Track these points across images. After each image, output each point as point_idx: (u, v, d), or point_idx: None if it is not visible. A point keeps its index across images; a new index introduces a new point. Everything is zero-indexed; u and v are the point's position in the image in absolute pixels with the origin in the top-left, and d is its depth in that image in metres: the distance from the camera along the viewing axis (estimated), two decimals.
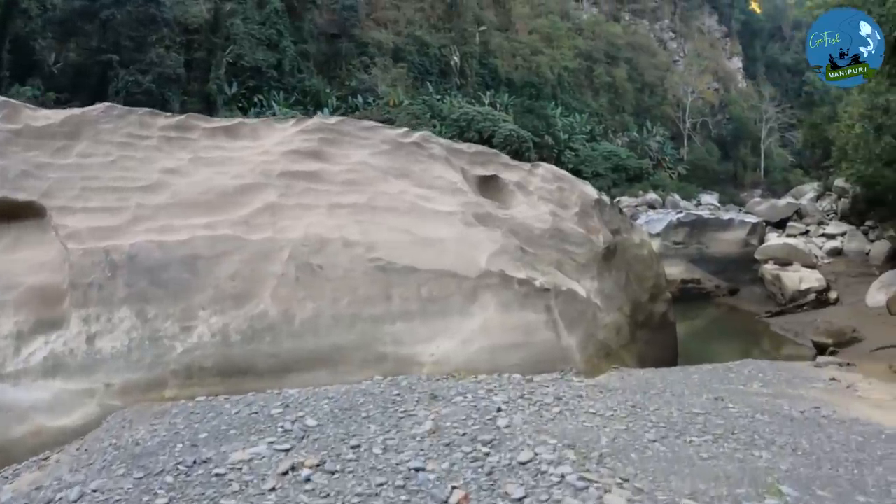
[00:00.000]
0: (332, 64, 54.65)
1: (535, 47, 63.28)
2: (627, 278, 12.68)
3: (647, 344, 12.68)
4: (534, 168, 12.84)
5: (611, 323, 10.83)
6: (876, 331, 16.00)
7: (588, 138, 59.81)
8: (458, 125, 51.14)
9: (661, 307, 13.60)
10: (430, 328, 8.92)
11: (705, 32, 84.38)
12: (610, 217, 13.10)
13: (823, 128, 26.78)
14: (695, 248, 24.20)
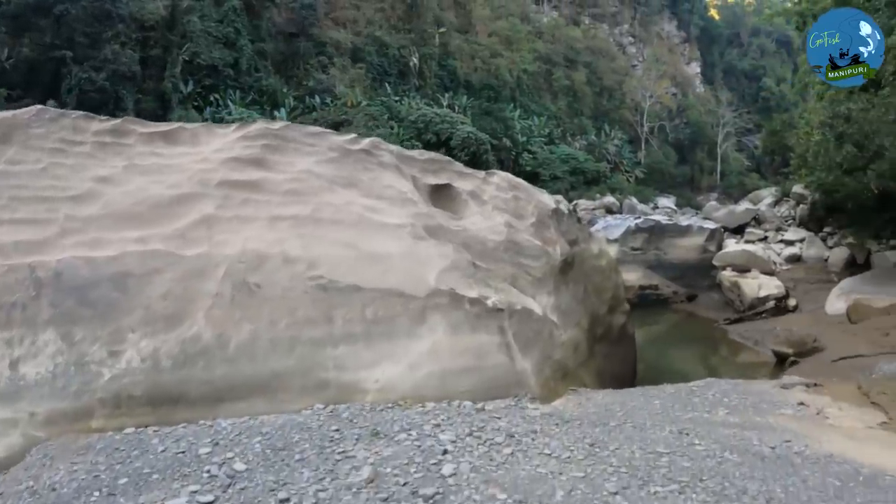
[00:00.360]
0: (289, 63, 53.80)
1: (494, 49, 62.98)
2: (586, 290, 12.11)
3: (605, 358, 12.14)
4: (489, 176, 12.19)
5: (568, 340, 10.23)
6: (836, 339, 15.65)
7: (546, 141, 59.75)
8: (415, 127, 50.70)
9: (619, 319, 13.06)
10: (374, 352, 8.23)
11: (664, 38, 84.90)
12: (568, 227, 12.51)
13: (783, 134, 26.58)
14: (653, 253, 23.78)
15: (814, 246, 23.27)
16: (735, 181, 70.64)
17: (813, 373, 13.79)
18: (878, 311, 16.75)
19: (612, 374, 12.21)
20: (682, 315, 22.20)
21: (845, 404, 8.16)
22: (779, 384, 9.14)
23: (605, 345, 12.30)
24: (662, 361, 17.24)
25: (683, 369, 16.77)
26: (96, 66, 38.49)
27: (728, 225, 26.17)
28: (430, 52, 59.19)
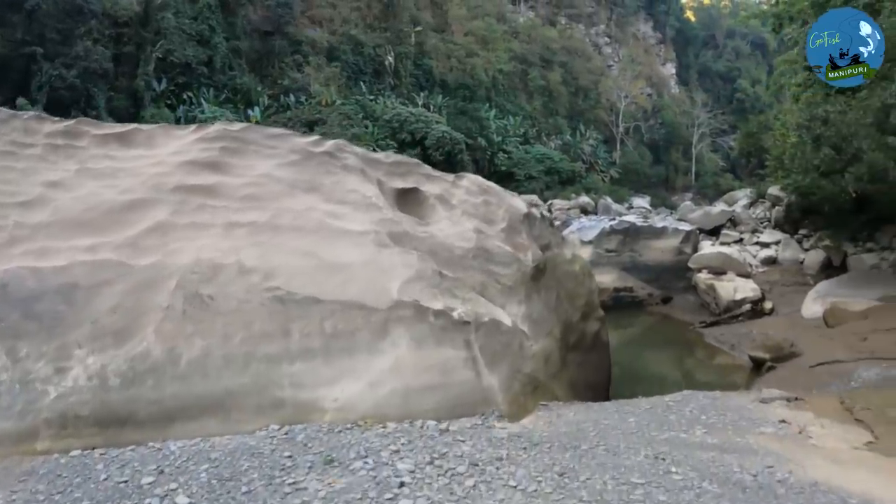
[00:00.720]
0: (264, 62, 53.24)
1: (470, 49, 62.55)
2: (558, 297, 11.60)
3: (579, 367, 11.66)
4: (458, 179, 11.68)
5: (539, 352, 9.72)
6: (813, 344, 15.29)
7: (521, 141, 59.59)
8: (390, 126, 50.34)
9: (593, 326, 12.58)
10: (333, 368, 7.71)
11: (640, 38, 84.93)
12: (540, 232, 12.04)
13: (759, 136, 26.21)
14: (628, 255, 23.35)
15: (789, 248, 22.95)
16: (710, 181, 70.81)
17: (790, 379, 13.45)
18: (854, 315, 16.41)
19: (586, 383, 11.75)
20: (657, 318, 21.81)
21: (828, 421, 7.73)
22: (758, 398, 8.69)
23: (579, 353, 11.81)
24: (637, 366, 16.81)
25: (659, 374, 16.38)
26: (67, 63, 37.67)
27: (704, 226, 25.80)
28: (405, 52, 58.72)
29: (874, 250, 20.34)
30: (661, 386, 14.90)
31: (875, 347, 13.90)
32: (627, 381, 14.86)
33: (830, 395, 9.10)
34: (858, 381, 11.65)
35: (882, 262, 19.79)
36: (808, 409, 8.26)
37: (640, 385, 14.73)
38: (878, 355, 13.45)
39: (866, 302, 17.09)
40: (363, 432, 7.02)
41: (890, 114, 15.81)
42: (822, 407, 8.37)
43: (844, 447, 6.97)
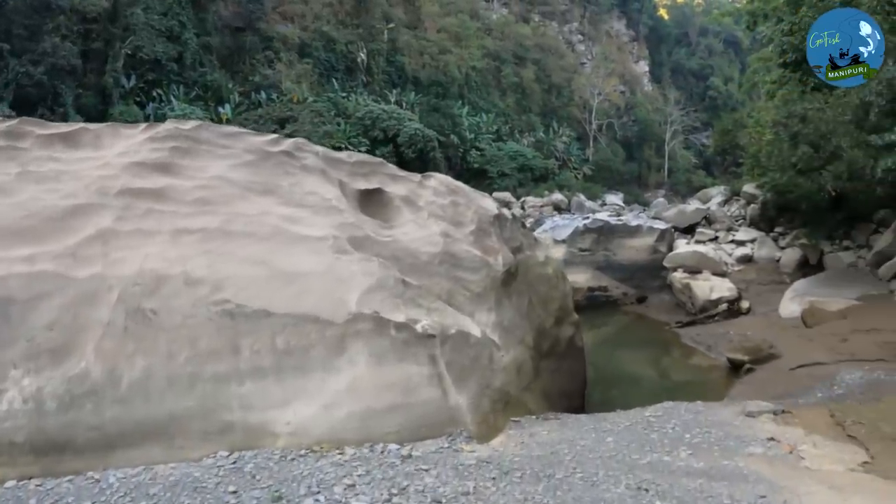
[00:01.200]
0: (235, 58, 52.17)
1: (443, 46, 61.78)
2: (531, 303, 10.99)
3: (553, 375, 11.06)
4: (425, 180, 11.00)
5: (511, 363, 9.08)
6: (793, 345, 14.80)
7: (494, 138, 58.99)
8: (362, 124, 49.57)
9: (567, 331, 11.98)
10: (286, 389, 7.03)
11: (613, 36, 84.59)
12: (511, 233, 11.38)
13: (734, 133, 25.68)
14: (602, 254, 22.77)
15: (765, 246, 22.48)
16: (682, 178, 70.76)
17: (770, 382, 12.92)
18: (833, 315, 15.94)
19: (561, 391, 11.16)
20: (632, 317, 21.28)
21: (819, 438, 7.16)
22: (743, 411, 8.09)
23: (553, 360, 11.21)
24: (614, 368, 16.28)
25: (636, 376, 15.83)
26: (34, 60, 36.45)
27: (678, 225, 25.28)
28: (378, 48, 57.82)
29: (850, 248, 19.95)
30: (639, 390, 14.39)
31: (855, 349, 13.44)
32: (604, 385, 14.31)
33: (819, 407, 8.51)
34: (842, 386, 11.14)
35: (859, 260, 19.39)
36: (797, 423, 7.67)
37: (617, 390, 14.19)
38: (858, 357, 12.99)
39: (844, 301, 16.64)
40: (317, 460, 6.36)
41: (869, 111, 15.37)
42: (812, 421, 7.79)
43: (840, 469, 6.39)
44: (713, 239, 23.84)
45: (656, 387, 14.78)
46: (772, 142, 18.69)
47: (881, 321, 14.74)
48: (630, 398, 13.76)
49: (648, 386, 14.91)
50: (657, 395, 14.07)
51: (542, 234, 23.28)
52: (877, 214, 19.62)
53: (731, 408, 8.46)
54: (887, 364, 12.37)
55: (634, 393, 14.31)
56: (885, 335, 13.88)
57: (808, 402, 9.70)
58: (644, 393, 14.29)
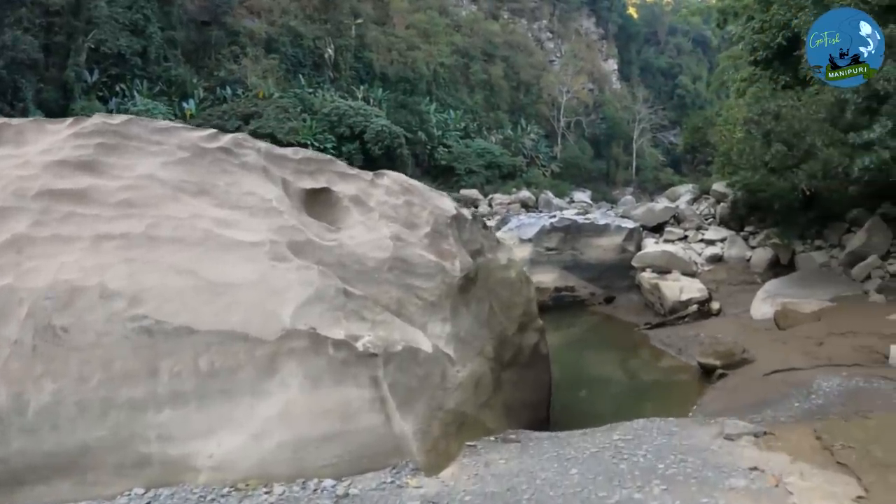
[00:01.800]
0: (200, 53, 51.05)
1: (411, 42, 60.87)
2: (491, 309, 10.15)
3: (515, 386, 10.25)
4: (377, 178, 10.11)
5: (467, 378, 8.24)
6: (766, 349, 14.10)
7: (462, 135, 58.31)
8: (329, 120, 48.67)
9: (531, 338, 11.15)
10: (209, 416, 6.16)
11: (582, 34, 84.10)
12: (471, 235, 10.54)
13: (704, 131, 24.96)
14: (569, 254, 21.98)
15: (735, 246, 21.80)
16: (650, 176, 70.54)
17: (744, 388, 12.23)
18: (807, 317, 15.29)
19: (524, 403, 10.39)
20: (600, 318, 20.55)
21: (806, 466, 6.39)
22: (721, 434, 7.30)
23: (515, 370, 10.40)
24: (581, 372, 15.57)
25: (604, 382, 15.12)
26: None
27: (647, 223, 24.54)
28: (345, 44, 56.79)
29: (823, 248, 19.35)
30: (607, 398, 13.66)
31: (832, 353, 12.77)
32: (571, 392, 13.58)
33: (803, 426, 7.71)
34: (819, 395, 10.45)
35: (831, 260, 18.80)
36: (780, 447, 6.90)
37: (585, 397, 13.45)
38: (835, 362, 12.32)
39: (818, 303, 16.02)
40: (242, 500, 5.50)
41: (844, 109, 14.78)
42: (797, 444, 7.02)
43: None
44: (682, 238, 23.17)
45: (625, 393, 14.11)
46: (743, 140, 18.04)
47: (856, 323, 14.12)
48: (598, 406, 13.06)
49: (617, 392, 14.23)
50: (626, 403, 13.39)
51: (507, 232, 22.52)
52: (849, 214, 19.05)
53: (707, 428, 7.65)
54: (864, 369, 11.73)
55: (602, 400, 13.61)
56: (861, 338, 13.26)
57: (788, 417, 8.95)
58: (613, 400, 13.60)
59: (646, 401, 13.48)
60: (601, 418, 11.90)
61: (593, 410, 12.64)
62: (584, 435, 7.74)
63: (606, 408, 12.95)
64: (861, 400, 9.56)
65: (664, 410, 12.71)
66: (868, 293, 16.33)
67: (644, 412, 12.73)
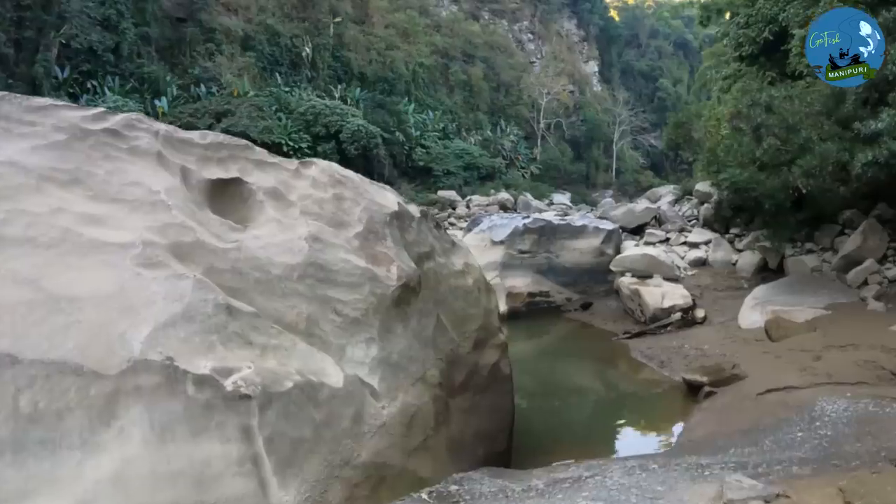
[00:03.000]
0: (175, 50, 49.39)
1: (390, 42, 59.20)
2: (439, 324, 8.43)
3: (468, 415, 8.58)
4: (303, 167, 8.34)
5: (397, 415, 6.52)
6: (758, 363, 12.51)
7: (441, 136, 56.83)
8: (304, 119, 47.21)
9: (489, 356, 9.46)
10: (26, 474, 4.35)
11: (563, 36, 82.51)
12: (418, 236, 8.85)
13: (688, 127, 23.18)
14: (543, 256, 20.23)
15: (721, 248, 20.16)
16: (630, 178, 69.32)
17: (735, 410, 10.61)
18: (801, 327, 13.71)
19: (479, 434, 8.70)
20: (576, 325, 18.84)
21: None
22: (721, 499, 5.58)
23: (468, 396, 8.72)
24: (552, 387, 13.96)
25: (579, 396, 13.50)
26: None
27: (626, 225, 22.90)
28: (324, 43, 55.06)
29: (814, 251, 17.74)
30: (579, 422, 11.98)
31: (832, 369, 11.18)
32: (539, 412, 11.96)
33: (824, 486, 5.88)
34: (825, 421, 8.86)
35: (823, 264, 17.21)
36: None
37: (554, 421, 11.76)
38: (836, 379, 10.76)
39: (812, 311, 14.45)
40: None
41: (843, 100, 13.25)
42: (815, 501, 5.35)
43: None
44: (664, 240, 21.51)
45: (601, 414, 12.43)
46: (731, 135, 16.46)
47: (856, 335, 12.53)
48: (569, 430, 11.39)
49: (591, 412, 12.56)
50: (601, 427, 11.73)
51: (478, 234, 20.83)
52: (842, 215, 17.47)
53: (701, 488, 5.87)
54: (871, 388, 10.16)
55: (575, 423, 11.92)
56: (863, 352, 11.67)
57: (796, 459, 7.23)
58: (586, 423, 11.93)
59: (624, 423, 11.85)
60: (571, 447, 10.29)
61: (563, 436, 11.00)
62: (541, 496, 5.98)
63: (578, 433, 11.31)
64: (878, 432, 7.92)
65: (645, 436, 11.13)
66: (866, 300, 14.76)
67: (621, 439, 11.12)
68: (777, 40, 18.26)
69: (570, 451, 10.07)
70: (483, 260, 19.90)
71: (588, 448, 10.31)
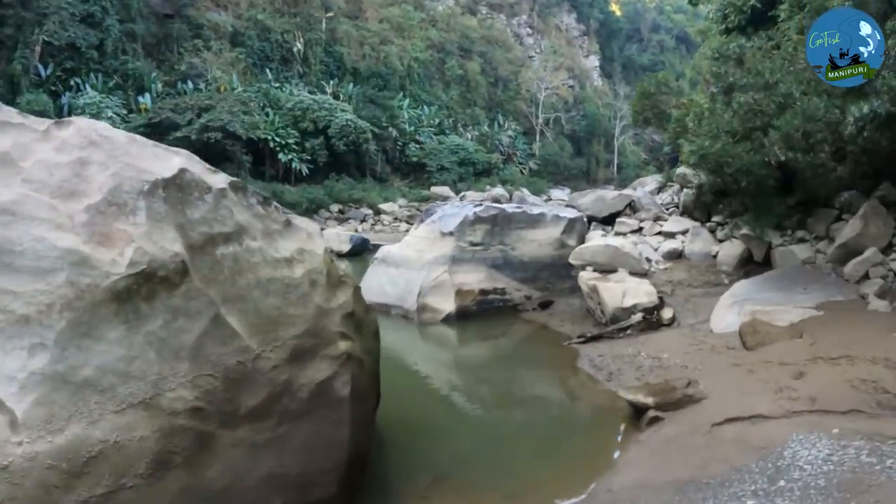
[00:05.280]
0: (162, 46, 47.34)
1: (384, 37, 56.47)
2: (218, 327, 5.57)
3: (259, 451, 5.80)
4: (57, 128, 5.56)
5: (42, 456, 3.71)
6: (723, 379, 9.49)
7: (437, 131, 54.31)
8: (292, 114, 44.91)
9: (316, 372, 6.45)
10: None
11: (563, 30, 79.43)
12: (213, 213, 5.97)
13: (656, 98, 19.67)
14: (497, 249, 17.05)
15: (699, 239, 16.89)
16: (632, 174, 65.99)
17: (680, 446, 7.54)
18: (784, 332, 10.52)
19: (278, 478, 5.94)
20: (531, 327, 15.65)
21: None
22: None
23: (266, 425, 5.87)
24: (466, 404, 11.18)
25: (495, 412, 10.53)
26: None
27: (597, 214, 19.65)
28: (315, 38, 52.46)
29: (806, 240, 14.52)
30: (476, 460, 8.74)
31: (817, 392, 8.09)
32: (425, 443, 9.02)
33: None
34: (795, 479, 5.90)
35: (817, 255, 14.00)
36: None
37: (441, 458, 8.66)
38: (821, 406, 7.72)
39: (799, 311, 11.27)
40: None
41: None
42: None
43: None
44: (636, 230, 18.28)
45: (513, 444, 9.17)
46: (700, 104, 13.43)
47: (852, 343, 9.36)
48: (460, 468, 8.27)
49: (502, 441, 9.28)
50: (504, 465, 8.54)
51: (429, 225, 17.77)
52: (839, 198, 14.20)
53: None
54: (867, 421, 7.12)
55: (474, 456, 8.68)
56: (859, 367, 8.53)
57: None
58: (487, 458, 8.70)
59: (535, 458, 8.62)
60: (447, 493, 7.35)
61: (448, 473, 8.01)
62: None
63: (470, 470, 8.22)
64: None
65: (556, 480, 8.00)
66: (866, 298, 11.53)
67: (521, 483, 8.02)
68: (765, 7, 15.25)
69: (444, 498, 7.16)
70: (432, 254, 16.96)
71: (469, 495, 7.36)
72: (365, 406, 7.21)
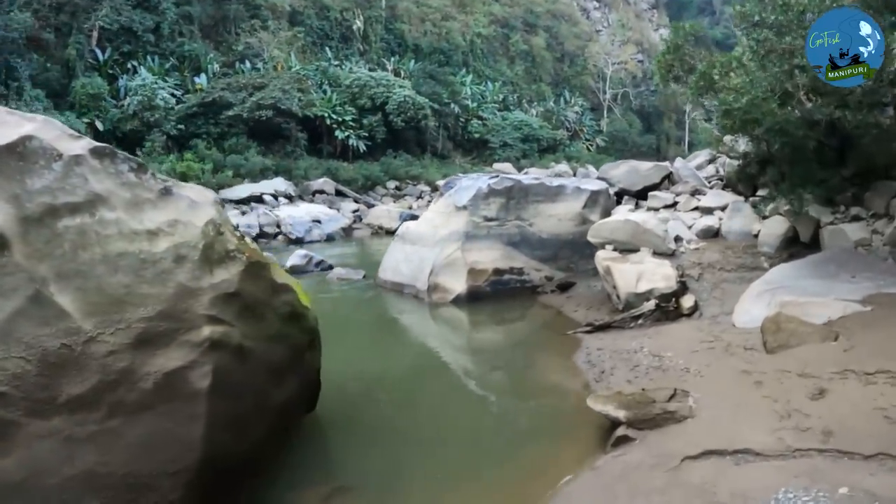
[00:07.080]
0: (219, 27, 47.29)
1: (446, 13, 55.10)
2: (38, 304, 4.71)
3: (77, 445, 4.95)
4: None
5: None
6: (721, 392, 7.63)
7: (500, 107, 52.97)
8: (350, 91, 43.96)
9: (168, 360, 5.15)
10: None
11: (631, 3, 76.14)
12: (61, 182, 5.13)
13: (685, 51, 17.01)
14: (514, 225, 15.33)
15: (739, 215, 14.78)
16: None
17: (634, 484, 5.78)
18: (813, 332, 8.57)
19: (100, 477, 4.97)
20: (546, 313, 13.96)
21: None
22: None
23: (91, 416, 4.94)
24: (433, 402, 9.61)
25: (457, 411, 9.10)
26: None
27: (630, 187, 17.71)
28: (375, 15, 51.58)
29: (862, 219, 12.43)
30: (399, 471, 7.31)
31: (836, 421, 6.23)
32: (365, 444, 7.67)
33: None
34: None
35: (874, 236, 11.90)
36: None
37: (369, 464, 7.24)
38: (837, 446, 5.81)
39: (840, 305, 9.35)
40: None
41: None
42: None
43: None
44: (671, 205, 16.31)
45: (444, 459, 7.57)
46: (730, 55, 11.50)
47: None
48: (375, 477, 6.91)
49: (431, 453, 7.69)
50: (424, 483, 7.10)
51: (448, 198, 16.29)
52: None
53: None
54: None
55: (389, 472, 7.19)
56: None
57: None
58: (415, 470, 7.22)
59: (455, 482, 7.00)
60: None
61: (352, 484, 6.64)
62: None
63: (377, 485, 6.77)
64: None
65: None
66: None
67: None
68: None
69: None
70: (446, 230, 15.54)
71: None
72: (244, 402, 5.89)
